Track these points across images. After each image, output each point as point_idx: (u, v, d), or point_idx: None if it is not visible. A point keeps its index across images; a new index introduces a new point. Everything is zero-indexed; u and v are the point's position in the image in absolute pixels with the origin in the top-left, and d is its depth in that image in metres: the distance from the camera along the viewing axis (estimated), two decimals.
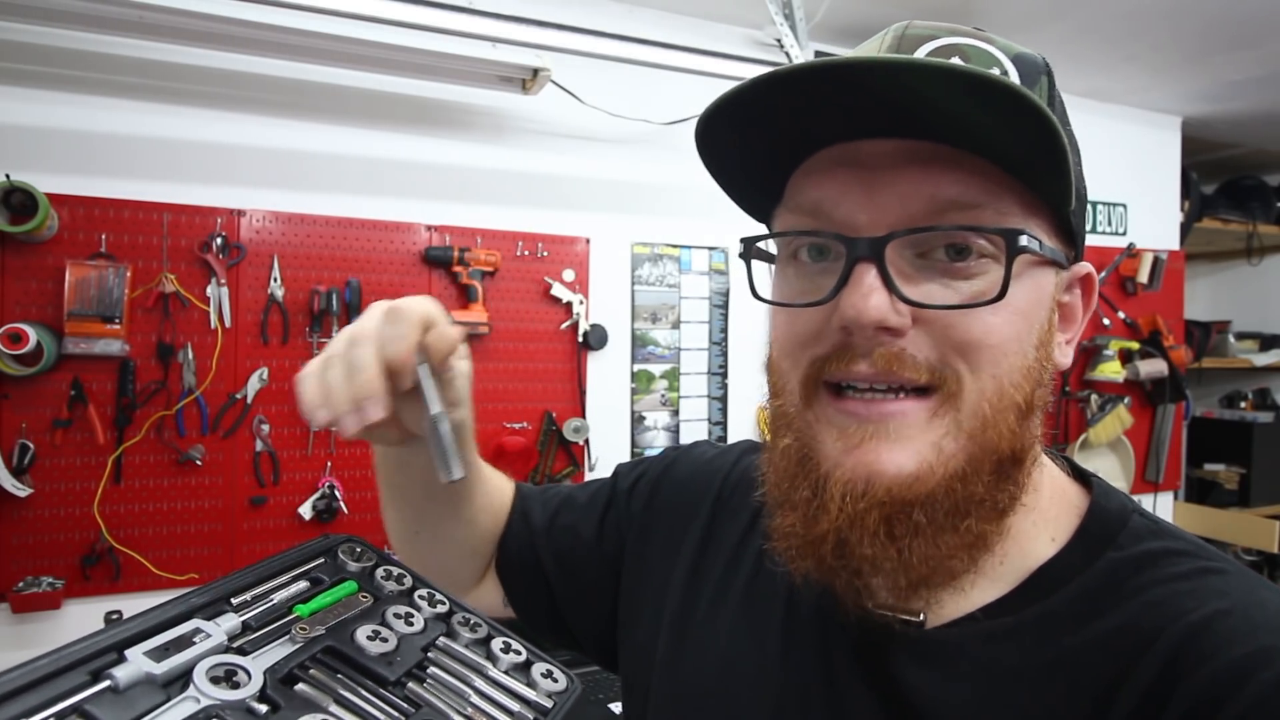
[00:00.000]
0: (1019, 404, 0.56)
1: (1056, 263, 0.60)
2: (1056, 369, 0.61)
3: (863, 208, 0.56)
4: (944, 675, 0.59)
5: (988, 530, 0.57)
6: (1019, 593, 0.60)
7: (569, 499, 0.93)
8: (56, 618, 2.05)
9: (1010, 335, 0.56)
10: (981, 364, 0.55)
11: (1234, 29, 2.85)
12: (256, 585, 0.54)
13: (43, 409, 2.02)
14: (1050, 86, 0.59)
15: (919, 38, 0.58)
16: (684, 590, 0.79)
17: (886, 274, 0.54)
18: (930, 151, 0.54)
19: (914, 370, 0.55)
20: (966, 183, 0.54)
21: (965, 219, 0.54)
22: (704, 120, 0.57)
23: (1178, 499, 3.92)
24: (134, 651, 0.44)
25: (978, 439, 0.56)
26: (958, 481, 0.55)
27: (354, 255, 2.34)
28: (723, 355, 2.92)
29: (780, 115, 0.56)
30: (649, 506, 0.88)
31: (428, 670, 0.53)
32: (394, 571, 0.63)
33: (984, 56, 0.57)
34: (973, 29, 0.59)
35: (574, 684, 0.60)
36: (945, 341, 0.55)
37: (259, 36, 2.05)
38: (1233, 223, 4.17)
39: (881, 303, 0.54)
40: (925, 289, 0.55)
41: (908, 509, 0.55)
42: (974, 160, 0.54)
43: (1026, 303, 0.57)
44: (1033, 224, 0.57)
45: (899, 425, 0.56)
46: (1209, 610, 0.53)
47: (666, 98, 2.66)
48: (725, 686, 0.71)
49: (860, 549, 0.56)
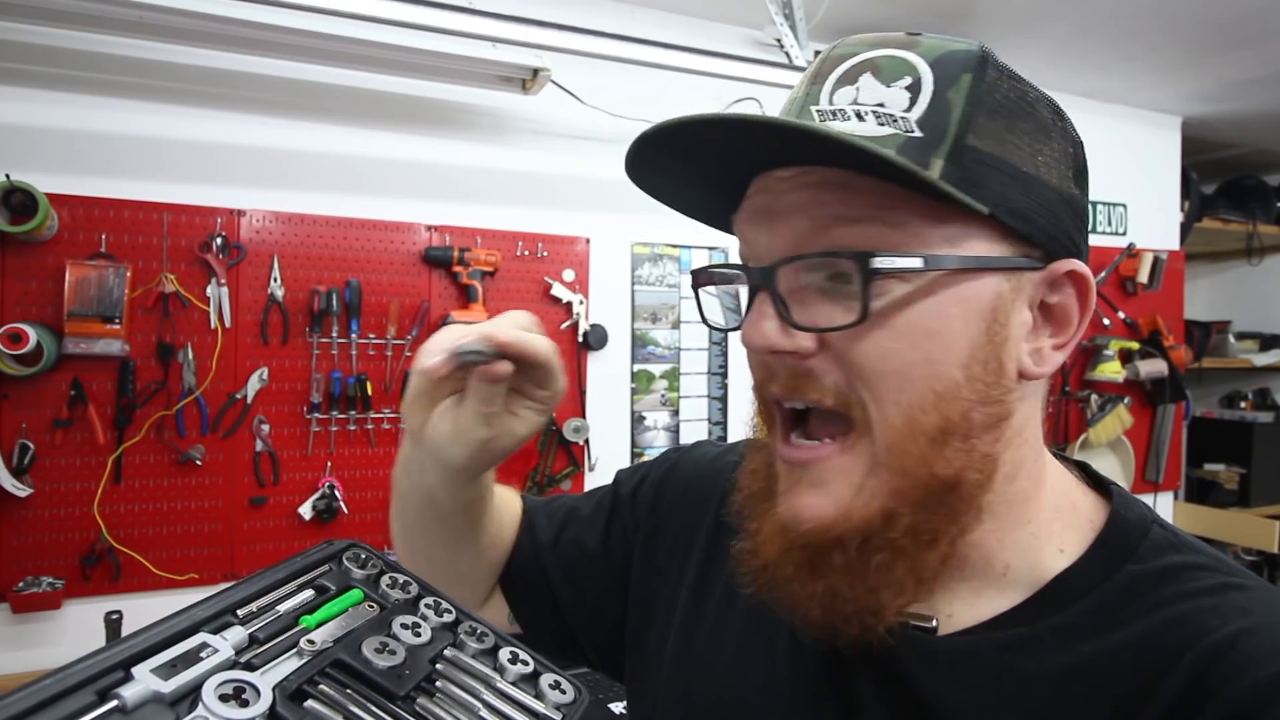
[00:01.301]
0: (930, 430, 0.55)
1: (1002, 268, 0.57)
2: (1029, 376, 0.59)
3: (763, 234, 0.59)
4: (960, 683, 0.58)
5: (928, 558, 0.57)
6: (1034, 603, 0.59)
7: (573, 511, 0.92)
8: (56, 618, 2.05)
9: (912, 360, 0.55)
10: (883, 391, 0.55)
11: (1234, 29, 2.85)
12: (261, 596, 0.53)
13: (43, 409, 2.02)
14: (976, 80, 0.56)
15: (837, 59, 0.59)
16: (692, 593, 0.79)
17: (777, 299, 0.57)
18: (822, 175, 0.56)
19: (819, 391, 0.57)
20: (851, 201, 0.55)
21: (850, 235, 0.55)
22: (631, 174, 0.62)
23: (1178, 499, 3.93)
24: (141, 669, 0.43)
25: (895, 470, 0.55)
26: (878, 521, 0.56)
27: (354, 255, 2.34)
28: (723, 355, 2.91)
29: (710, 153, 0.59)
30: (654, 510, 0.87)
31: (436, 683, 0.53)
32: (399, 579, 0.62)
33: (896, 67, 0.57)
34: (904, 35, 0.59)
35: (582, 695, 0.60)
36: (847, 366, 0.56)
37: (259, 36, 2.05)
38: (1233, 223, 4.17)
39: (770, 329, 0.57)
40: (817, 313, 0.56)
41: (825, 551, 0.57)
42: (864, 180, 0.54)
43: (939, 320, 0.55)
44: (943, 232, 0.55)
45: (818, 471, 0.58)
46: (1233, 629, 0.52)
47: (666, 98, 2.65)
48: (735, 692, 0.70)
49: (789, 585, 0.59)
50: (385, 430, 2.38)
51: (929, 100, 0.55)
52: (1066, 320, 0.60)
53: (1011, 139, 0.56)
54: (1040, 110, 0.59)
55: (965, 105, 0.55)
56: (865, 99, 0.56)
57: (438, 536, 0.80)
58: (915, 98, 0.55)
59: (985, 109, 0.56)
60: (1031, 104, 0.58)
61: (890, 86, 0.56)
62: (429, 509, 0.77)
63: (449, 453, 0.68)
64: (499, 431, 0.67)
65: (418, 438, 0.70)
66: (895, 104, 0.55)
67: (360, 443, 2.35)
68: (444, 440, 0.68)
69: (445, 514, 0.77)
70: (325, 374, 2.29)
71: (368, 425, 2.36)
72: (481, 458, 0.69)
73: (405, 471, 0.78)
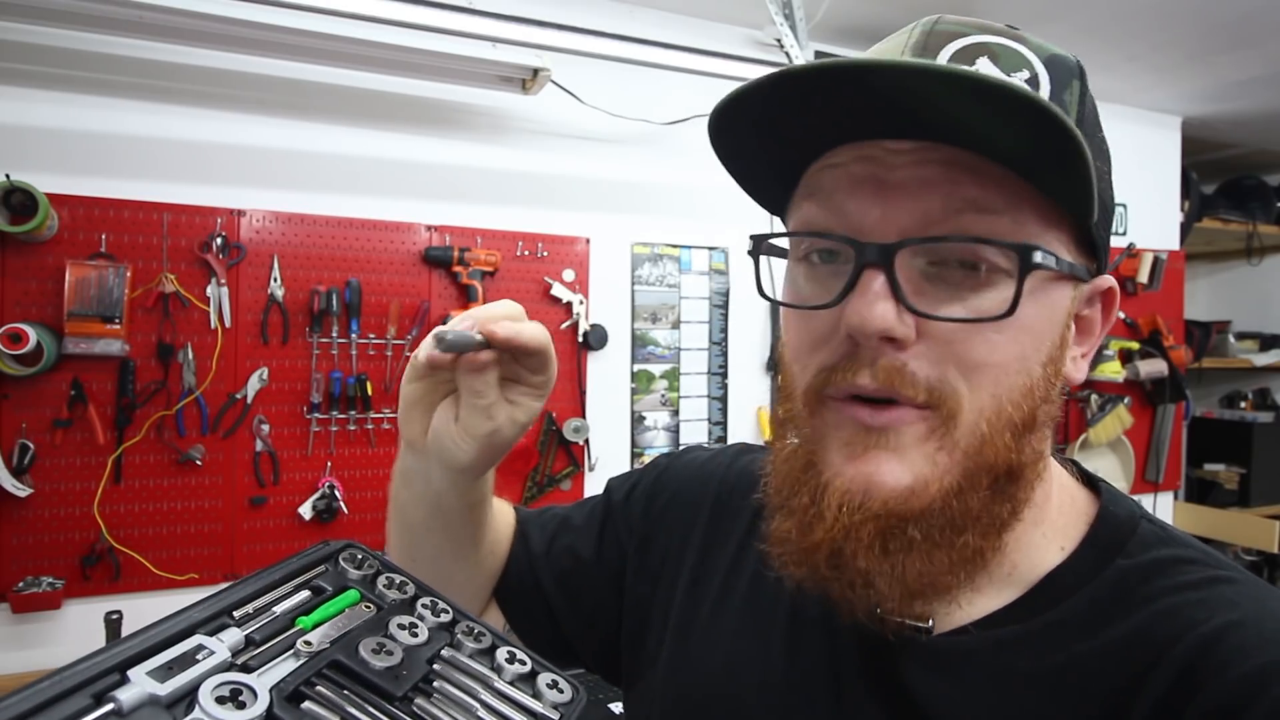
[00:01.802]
0: (1017, 422, 0.55)
1: (1075, 277, 0.57)
2: (1068, 383, 0.59)
3: (875, 207, 0.54)
4: (953, 682, 0.59)
5: (984, 546, 0.57)
6: (1026, 600, 0.60)
7: (566, 520, 0.92)
8: (56, 618, 2.05)
9: (1015, 354, 0.54)
10: (982, 382, 0.54)
11: (1235, 29, 2.85)
12: (258, 597, 0.53)
13: (43, 409, 2.02)
14: (1082, 90, 0.57)
15: (947, 34, 0.56)
16: (687, 595, 0.79)
17: (895, 282, 0.53)
18: (950, 154, 0.52)
19: (913, 389, 0.54)
20: (985, 186, 0.52)
21: (981, 224, 0.52)
22: (718, 111, 0.56)
23: (1178, 499, 3.92)
24: (136, 672, 0.42)
25: (973, 455, 0.55)
26: (953, 497, 0.55)
27: (354, 255, 2.34)
28: (723, 355, 2.91)
29: (798, 109, 0.54)
30: (646, 515, 0.87)
31: (434, 684, 0.53)
32: (395, 579, 0.62)
33: (1013, 57, 0.55)
34: (1005, 26, 0.58)
35: (579, 694, 0.60)
36: (948, 357, 0.54)
37: (259, 36, 2.05)
38: (1233, 223, 4.17)
39: (887, 312, 0.52)
40: (934, 299, 0.54)
41: (903, 524, 0.54)
42: (992, 167, 0.52)
43: (1037, 320, 0.55)
44: (1051, 236, 0.55)
45: (899, 435, 0.55)
46: (1220, 622, 0.53)
47: (666, 98, 2.66)
48: (730, 691, 0.71)
49: (854, 561, 0.55)
50: (385, 430, 2.38)
51: (1048, 98, 0.54)
52: (1091, 331, 0.62)
53: (1095, 152, 0.56)
54: (1101, 129, 0.60)
55: (1077, 111, 0.56)
56: None
57: (443, 546, 0.79)
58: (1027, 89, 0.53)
59: (1090, 120, 0.57)
60: (1099, 121, 0.60)
61: (1011, 76, 0.54)
62: (434, 517, 0.76)
63: (455, 453, 0.68)
64: (500, 422, 0.67)
65: (419, 446, 0.70)
66: None
67: (360, 443, 2.35)
68: (448, 441, 0.67)
69: (451, 520, 0.77)
70: (325, 374, 2.29)
71: (368, 425, 2.36)
72: (487, 452, 0.68)
73: (405, 483, 0.77)
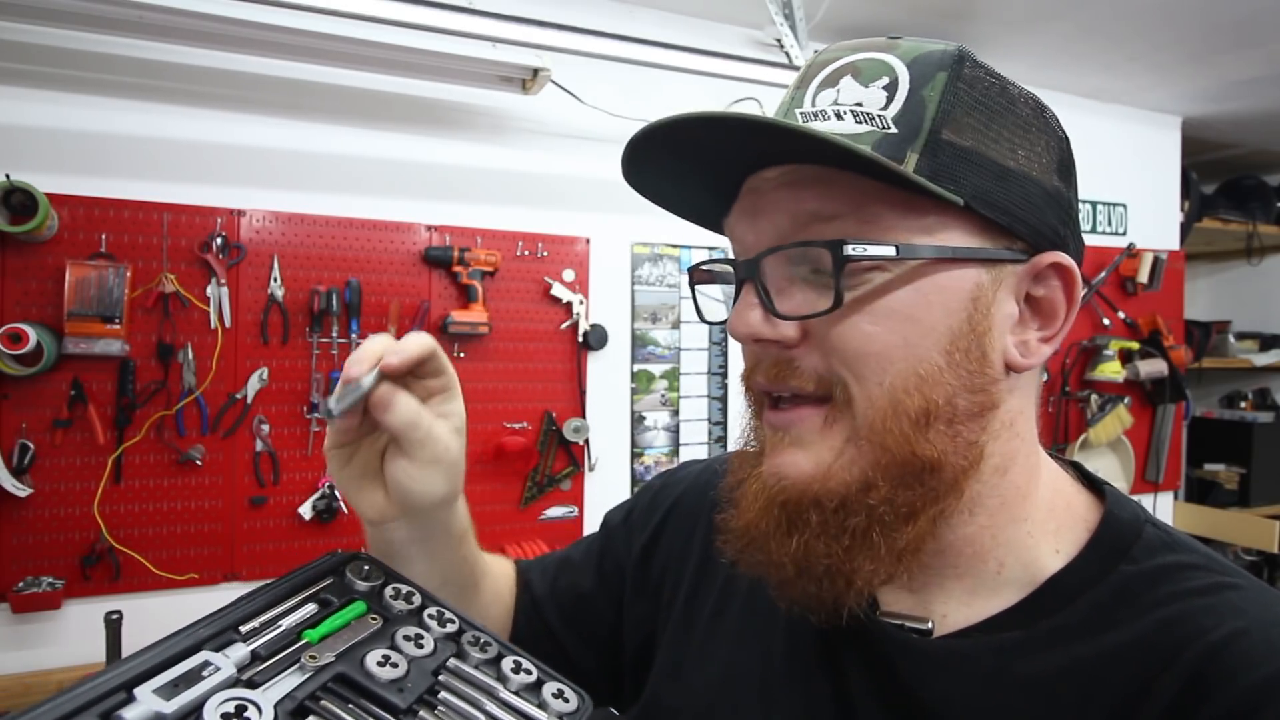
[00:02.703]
0: (912, 411, 0.56)
1: (979, 260, 0.58)
2: (1018, 368, 0.60)
3: (749, 230, 0.62)
4: (955, 685, 0.59)
5: (898, 536, 0.57)
6: (1029, 604, 0.60)
7: (565, 560, 0.93)
8: (56, 618, 2.05)
9: (895, 343, 0.56)
10: (865, 372, 0.57)
11: (1235, 29, 2.84)
12: (264, 611, 0.53)
13: (43, 409, 2.02)
14: (951, 79, 0.57)
15: (820, 64, 0.62)
16: (687, 605, 0.79)
17: (761, 290, 0.59)
18: (804, 173, 0.58)
19: (800, 379, 0.59)
20: (829, 197, 0.57)
21: (827, 229, 0.57)
22: (630, 179, 0.64)
23: (1178, 499, 3.92)
24: (143, 690, 0.43)
25: (876, 445, 0.57)
26: (856, 486, 0.57)
27: (354, 255, 2.34)
28: (723, 355, 2.91)
29: (702, 154, 0.61)
30: (644, 530, 0.88)
31: (439, 695, 0.53)
32: (402, 590, 0.63)
33: (875, 69, 0.59)
34: (885, 39, 0.61)
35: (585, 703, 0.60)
36: (830, 352, 0.58)
37: (259, 36, 2.04)
38: (1233, 223, 4.17)
39: (754, 317, 0.59)
40: (799, 302, 0.59)
41: (803, 509, 0.58)
42: (846, 175, 0.56)
43: (918, 307, 0.57)
44: (923, 224, 0.57)
45: (799, 432, 0.60)
46: (1228, 629, 0.53)
47: (666, 98, 2.66)
48: (730, 699, 0.71)
49: (768, 544, 0.60)
50: None
51: (904, 98, 0.57)
52: (1053, 313, 0.61)
53: (990, 134, 0.57)
54: (1020, 107, 0.60)
55: (940, 102, 0.57)
56: (845, 99, 0.58)
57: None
58: (892, 96, 0.57)
59: (962, 106, 0.57)
60: (1011, 100, 0.60)
61: (869, 87, 0.58)
62: (435, 580, 0.74)
63: (426, 487, 0.67)
64: (443, 436, 0.67)
65: (388, 516, 0.69)
66: (872, 103, 0.58)
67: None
68: (414, 484, 0.67)
69: (448, 568, 0.76)
70: (325, 374, 2.29)
71: None
72: (451, 470, 0.69)
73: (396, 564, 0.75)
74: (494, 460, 2.51)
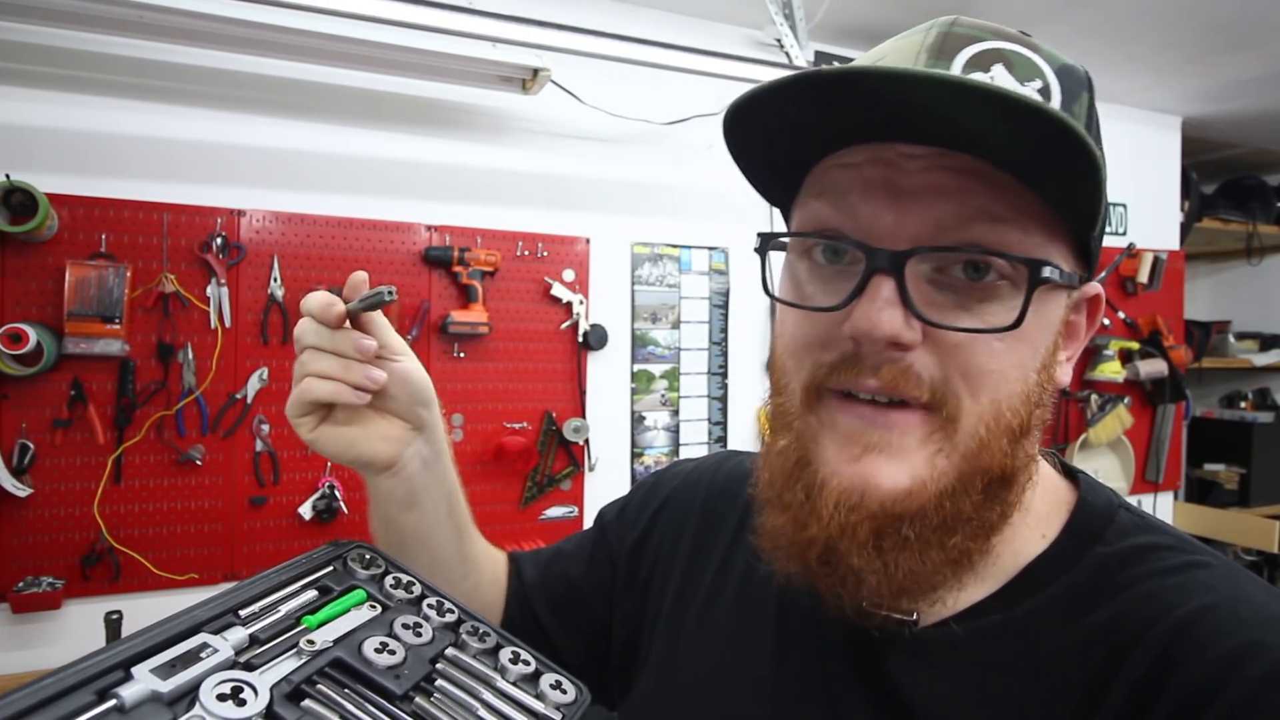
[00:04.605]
0: (1014, 428, 0.56)
1: (1069, 286, 0.58)
2: (1057, 387, 0.60)
3: (889, 213, 0.54)
4: (937, 673, 0.60)
5: (973, 548, 0.57)
6: (1007, 590, 0.61)
7: (558, 551, 0.94)
8: (56, 618, 2.05)
9: (1014, 361, 0.56)
10: (982, 388, 0.55)
11: (1234, 29, 2.84)
12: (264, 596, 0.54)
13: (43, 409, 2.02)
14: (1091, 102, 0.57)
15: (963, 37, 0.56)
16: (677, 598, 0.80)
17: (904, 289, 0.53)
18: (962, 161, 0.53)
19: (917, 388, 0.55)
20: (998, 197, 0.53)
21: (992, 233, 0.53)
22: (736, 108, 0.56)
23: (1178, 499, 3.92)
24: (140, 669, 0.43)
25: (970, 459, 0.55)
26: (947, 499, 0.55)
27: (354, 255, 2.34)
28: (723, 355, 2.91)
29: (813, 109, 0.54)
30: (635, 527, 0.88)
31: (435, 683, 0.53)
32: (403, 579, 0.63)
33: (1028, 65, 0.55)
34: (1019, 33, 0.57)
35: (583, 694, 0.60)
36: (951, 362, 0.55)
37: (259, 36, 2.05)
38: (1233, 223, 4.17)
39: (895, 319, 0.53)
40: (941, 307, 0.54)
41: (898, 523, 0.55)
42: (1002, 176, 0.52)
43: (1035, 329, 0.56)
44: (1053, 247, 0.56)
45: (899, 438, 0.55)
46: (1196, 605, 0.54)
47: (666, 98, 2.66)
48: (720, 692, 0.71)
49: (848, 558, 0.56)
50: None
51: (1059, 109, 0.53)
52: (1076, 336, 0.63)
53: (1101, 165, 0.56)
54: (1100, 139, 0.60)
55: (1087, 124, 0.57)
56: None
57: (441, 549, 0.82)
58: (1046, 102, 0.54)
59: (1093, 132, 0.57)
60: (1100, 132, 0.60)
61: (1024, 85, 0.54)
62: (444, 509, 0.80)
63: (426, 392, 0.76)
64: (404, 369, 0.75)
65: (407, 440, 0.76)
66: None
67: None
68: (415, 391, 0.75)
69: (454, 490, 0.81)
70: None
71: None
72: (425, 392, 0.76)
73: (402, 509, 0.78)
74: (494, 460, 2.51)
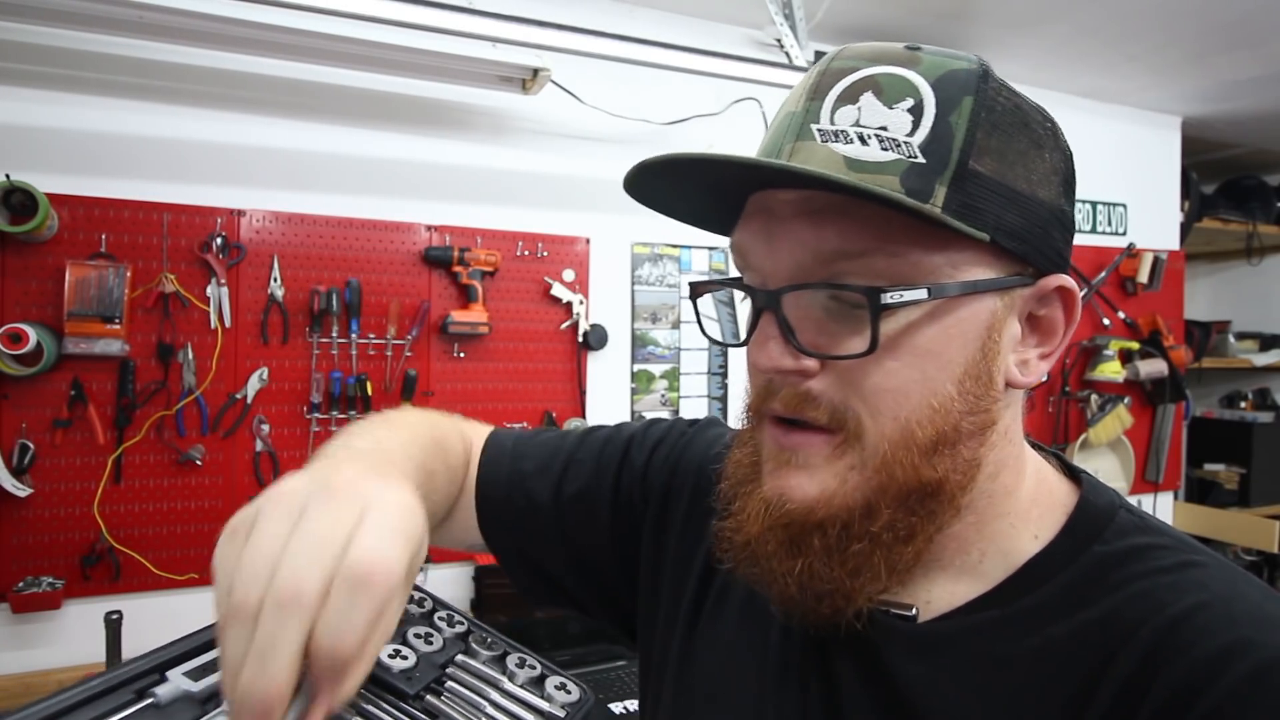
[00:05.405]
0: (924, 442, 0.57)
1: (998, 288, 0.58)
2: (1017, 386, 0.61)
3: (766, 258, 0.59)
4: (935, 667, 0.60)
5: (896, 555, 0.59)
6: (1006, 587, 0.61)
7: (571, 461, 0.88)
8: (56, 618, 2.05)
9: (914, 379, 0.57)
10: (881, 407, 0.57)
11: (1234, 29, 2.85)
12: None
13: (43, 409, 2.02)
14: (975, 104, 0.57)
15: (838, 72, 0.59)
16: (698, 584, 0.79)
17: (783, 323, 0.58)
18: (823, 202, 0.56)
19: (816, 410, 0.58)
20: (852, 231, 0.56)
21: (853, 266, 0.56)
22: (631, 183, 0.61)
23: (1178, 499, 3.93)
24: (175, 672, 0.48)
25: (881, 475, 0.57)
26: (859, 512, 0.58)
27: (354, 255, 2.34)
28: (723, 355, 2.92)
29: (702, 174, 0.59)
30: (669, 480, 0.85)
31: (445, 685, 0.54)
32: (415, 595, 0.64)
33: (899, 87, 0.57)
34: (903, 49, 0.59)
35: (587, 695, 0.61)
36: (849, 385, 0.58)
37: (259, 36, 2.05)
38: (1233, 223, 4.18)
39: (774, 351, 0.58)
40: (834, 334, 0.58)
41: (807, 532, 0.59)
42: (868, 206, 0.54)
43: (938, 342, 0.57)
44: (944, 258, 0.56)
45: (805, 455, 0.59)
46: (1189, 602, 0.54)
47: (666, 98, 2.67)
48: (726, 687, 0.72)
49: (768, 562, 0.60)
50: None
51: (931, 124, 0.56)
52: (1053, 331, 0.62)
53: (1009, 157, 0.57)
54: (1034, 124, 0.60)
55: (967, 129, 0.56)
56: (868, 121, 0.56)
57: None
58: (918, 121, 0.56)
59: (984, 128, 0.57)
60: (1026, 117, 0.59)
61: (893, 108, 0.56)
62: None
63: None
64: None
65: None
66: (898, 128, 0.56)
67: None
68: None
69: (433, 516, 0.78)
70: (325, 374, 2.29)
71: None
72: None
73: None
74: None
